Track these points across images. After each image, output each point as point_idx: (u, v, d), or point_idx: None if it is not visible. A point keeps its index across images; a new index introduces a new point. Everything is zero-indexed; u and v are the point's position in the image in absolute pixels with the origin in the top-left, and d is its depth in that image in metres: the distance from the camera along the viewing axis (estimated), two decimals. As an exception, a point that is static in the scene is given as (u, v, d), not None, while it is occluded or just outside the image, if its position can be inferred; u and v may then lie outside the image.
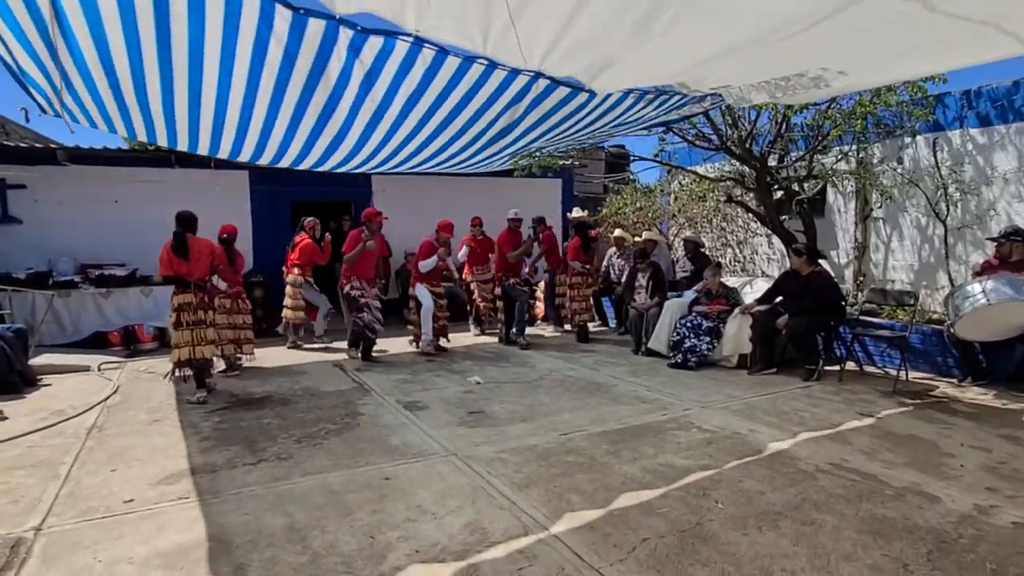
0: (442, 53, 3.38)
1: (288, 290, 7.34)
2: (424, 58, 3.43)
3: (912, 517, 2.99)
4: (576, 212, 8.84)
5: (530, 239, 7.59)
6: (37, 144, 8.89)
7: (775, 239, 8.45)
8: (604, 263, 8.61)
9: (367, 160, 5.24)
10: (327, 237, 7.63)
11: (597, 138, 6.04)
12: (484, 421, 4.56)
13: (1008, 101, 6.70)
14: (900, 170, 7.38)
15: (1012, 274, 5.02)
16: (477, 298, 8.08)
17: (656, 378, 5.85)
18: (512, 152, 5.85)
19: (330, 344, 7.51)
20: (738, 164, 8.01)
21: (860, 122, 6.37)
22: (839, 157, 7.69)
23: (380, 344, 6.94)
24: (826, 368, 5.83)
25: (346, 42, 3.26)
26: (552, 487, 3.36)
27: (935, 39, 3.02)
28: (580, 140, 6.08)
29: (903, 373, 5.55)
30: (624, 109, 4.57)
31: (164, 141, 4.54)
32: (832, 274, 6.40)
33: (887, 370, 6.02)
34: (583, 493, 3.28)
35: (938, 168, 6.99)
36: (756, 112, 7.22)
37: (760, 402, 5.01)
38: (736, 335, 6.13)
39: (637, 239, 8.77)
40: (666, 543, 2.76)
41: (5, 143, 8.29)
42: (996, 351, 5.37)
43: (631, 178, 11.96)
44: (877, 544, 2.74)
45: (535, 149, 6.25)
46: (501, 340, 7.62)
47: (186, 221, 5.27)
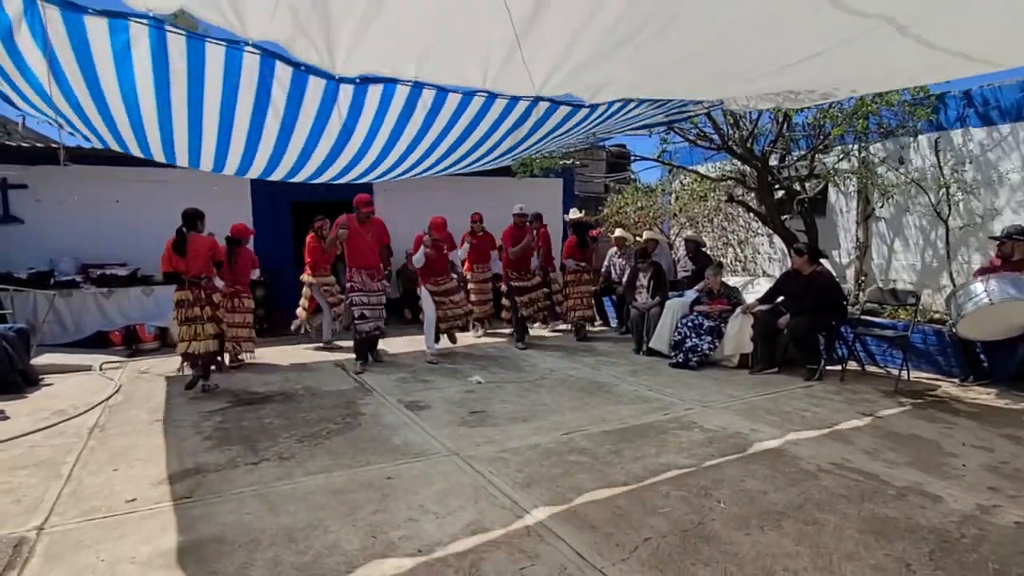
0: (442, 92, 3.47)
1: (304, 290, 7.43)
2: (424, 101, 3.52)
3: (914, 517, 2.99)
4: (573, 213, 8.85)
5: (531, 236, 7.50)
6: (39, 144, 8.89)
7: (776, 239, 8.44)
8: (605, 263, 8.61)
9: (366, 173, 5.24)
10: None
11: (599, 137, 6.04)
12: (486, 421, 4.56)
13: (1010, 101, 6.69)
14: (902, 170, 7.37)
15: (1014, 273, 5.02)
16: (474, 298, 7.96)
17: (657, 378, 5.84)
18: (514, 156, 5.86)
19: (334, 343, 7.50)
20: (739, 163, 8.01)
21: (862, 121, 6.37)
22: (841, 157, 7.68)
23: (380, 344, 6.94)
24: (828, 368, 5.83)
25: (347, 99, 3.40)
26: (554, 487, 3.36)
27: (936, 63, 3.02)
28: (581, 140, 6.08)
29: (905, 373, 5.54)
30: (626, 113, 4.59)
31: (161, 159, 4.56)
32: (834, 274, 6.39)
33: (889, 370, 6.02)
34: (585, 493, 3.28)
35: (940, 168, 6.98)
36: (757, 112, 7.22)
37: (762, 402, 5.01)
38: (738, 335, 6.13)
39: (638, 239, 8.77)
40: (668, 543, 2.76)
41: (7, 143, 8.30)
42: (998, 351, 5.36)
43: (632, 178, 11.96)
44: (879, 544, 2.74)
45: (536, 152, 6.25)
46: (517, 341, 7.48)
47: (188, 218, 5.39)
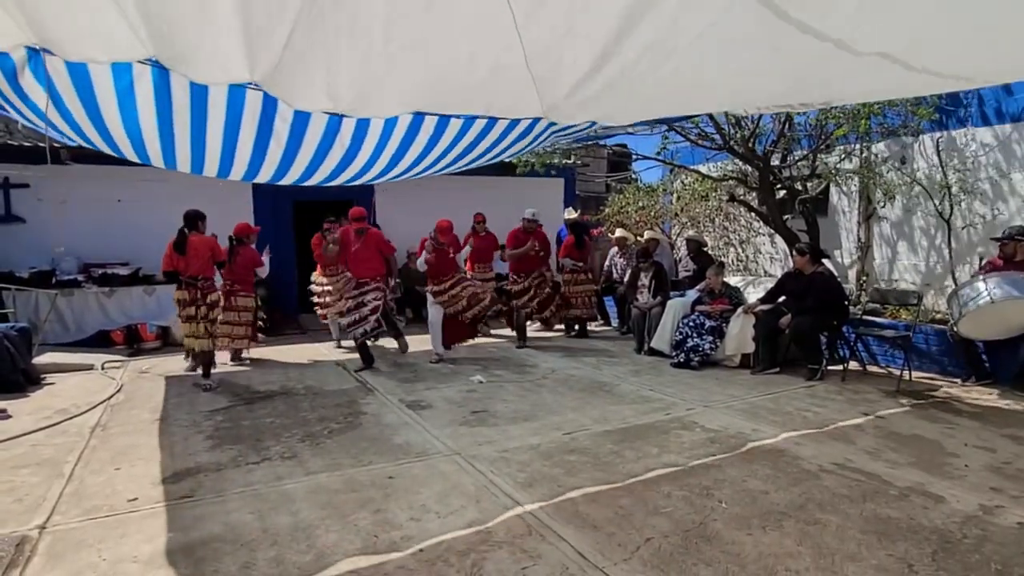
0: (444, 118, 3.53)
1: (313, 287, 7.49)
2: (427, 127, 3.59)
3: (917, 517, 2.98)
4: (569, 212, 8.75)
5: (532, 242, 7.40)
6: (41, 144, 8.88)
7: (778, 238, 8.43)
8: (606, 262, 8.61)
9: (362, 174, 5.25)
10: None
11: (599, 133, 6.03)
12: (487, 420, 4.56)
13: (1012, 100, 6.67)
14: (904, 170, 7.36)
15: (1016, 273, 5.01)
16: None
17: (659, 377, 5.84)
18: (514, 154, 5.85)
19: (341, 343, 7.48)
20: (741, 163, 7.99)
21: (864, 121, 6.35)
22: (842, 156, 7.67)
23: (381, 343, 6.94)
24: (829, 368, 5.82)
25: (350, 129, 3.50)
26: (556, 486, 3.36)
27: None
28: (581, 137, 6.08)
29: (907, 373, 5.54)
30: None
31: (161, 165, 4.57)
32: (835, 274, 6.38)
33: (890, 370, 6.01)
34: (587, 492, 3.27)
35: (942, 167, 6.96)
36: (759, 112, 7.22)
37: (763, 402, 5.01)
38: (739, 335, 6.12)
39: (639, 239, 8.77)
40: (670, 543, 2.76)
41: (8, 142, 8.30)
42: (999, 351, 5.35)
43: (633, 177, 11.95)
44: (882, 544, 2.74)
45: (538, 146, 6.23)
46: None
47: (189, 219, 5.57)
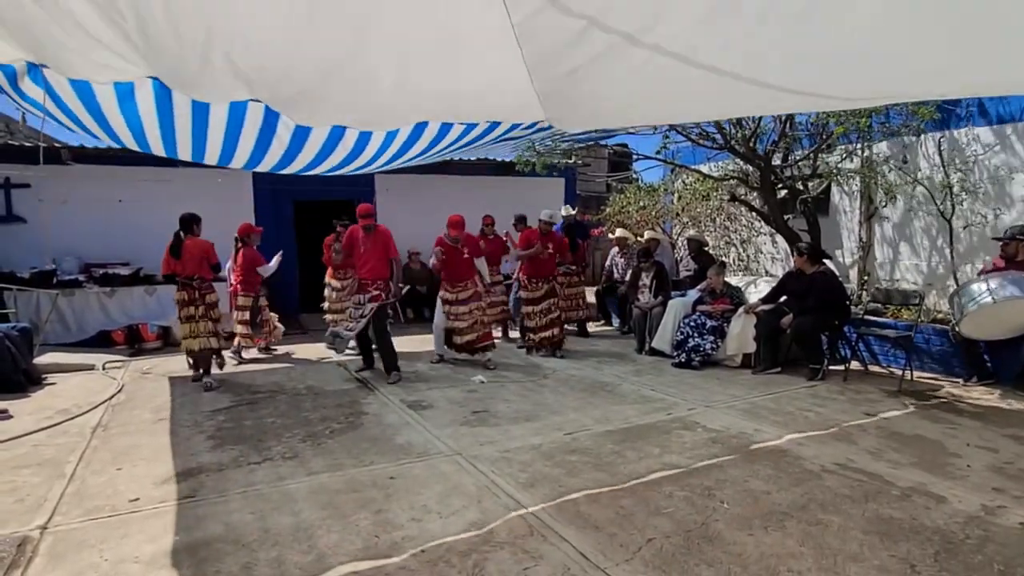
0: (447, 124, 3.56)
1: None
2: (431, 129, 3.60)
3: (919, 517, 2.98)
4: (567, 210, 8.61)
5: (542, 244, 6.90)
6: (41, 143, 8.89)
7: (779, 238, 8.43)
8: (607, 262, 8.61)
9: (368, 164, 5.26)
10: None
11: (604, 131, 6.04)
12: (488, 420, 4.55)
13: (1015, 101, 6.66)
14: (905, 169, 7.35)
15: (1017, 273, 5.00)
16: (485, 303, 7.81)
17: (660, 377, 5.84)
18: (516, 143, 5.85)
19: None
20: (742, 163, 7.98)
21: (865, 120, 6.34)
22: (844, 156, 7.66)
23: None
24: (830, 368, 5.81)
25: (353, 135, 3.55)
26: (557, 487, 3.35)
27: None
28: (583, 136, 6.09)
29: (908, 373, 5.53)
30: None
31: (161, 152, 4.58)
32: (837, 273, 6.38)
33: (892, 370, 6.00)
34: (588, 493, 3.27)
35: (944, 167, 6.95)
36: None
37: (765, 402, 5.00)
38: (740, 334, 6.12)
39: (639, 238, 8.76)
40: (672, 543, 2.75)
41: (10, 143, 8.31)
42: (1001, 351, 5.34)
43: (634, 177, 11.93)
44: (884, 544, 2.73)
45: (539, 142, 6.20)
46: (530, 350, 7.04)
47: (185, 222, 5.70)
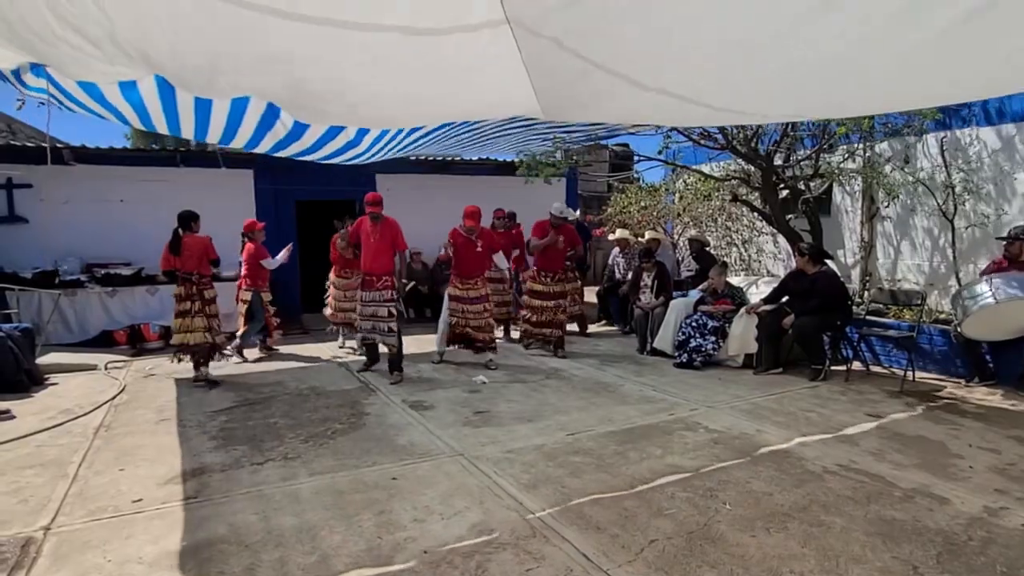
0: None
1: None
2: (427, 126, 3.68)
3: (921, 519, 2.98)
4: (570, 213, 8.43)
5: (554, 232, 6.68)
6: (43, 143, 8.91)
7: (780, 238, 8.42)
8: (609, 262, 8.61)
9: (367, 151, 5.24)
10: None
11: (606, 131, 5.99)
12: (491, 421, 4.56)
13: (1018, 101, 6.65)
14: (908, 170, 7.34)
15: (1020, 273, 5.00)
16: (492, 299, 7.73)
17: (662, 378, 5.84)
18: (519, 140, 5.80)
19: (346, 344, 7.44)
20: (744, 163, 7.97)
21: (867, 120, 6.34)
22: (846, 156, 7.66)
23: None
24: (832, 368, 5.81)
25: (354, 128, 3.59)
26: (559, 487, 3.36)
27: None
28: (586, 135, 6.06)
29: (910, 373, 5.53)
30: None
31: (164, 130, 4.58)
32: (838, 274, 6.37)
33: (894, 370, 5.99)
34: (591, 494, 3.27)
35: (946, 167, 6.95)
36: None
37: (767, 402, 5.00)
38: (742, 335, 6.11)
39: (640, 239, 8.76)
40: (674, 544, 2.75)
41: (12, 143, 8.32)
42: (1004, 351, 5.34)
43: (635, 177, 11.93)
44: (886, 546, 2.73)
45: (541, 138, 6.14)
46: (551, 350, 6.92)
47: (183, 219, 5.76)
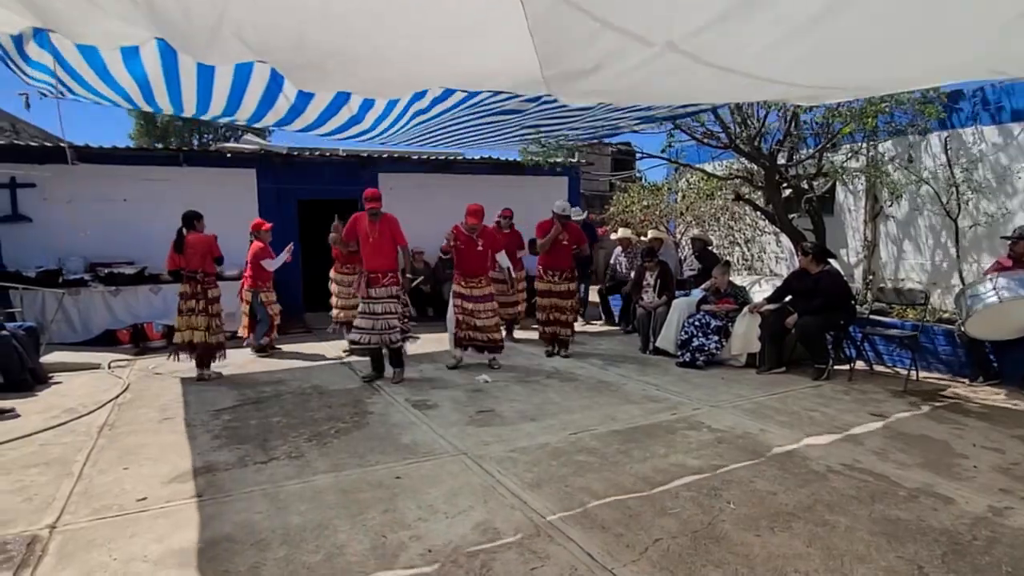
0: (448, 91, 3.59)
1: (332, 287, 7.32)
2: (432, 91, 3.63)
3: (926, 518, 2.97)
4: (576, 213, 8.18)
5: (557, 227, 6.61)
6: (47, 143, 8.93)
7: (783, 238, 8.41)
8: (611, 261, 8.61)
9: (371, 130, 5.18)
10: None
11: (606, 130, 6.00)
12: (494, 420, 4.56)
13: (1022, 100, 6.63)
14: (911, 169, 7.33)
15: (1024, 273, 4.99)
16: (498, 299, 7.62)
17: (665, 377, 5.83)
18: (522, 136, 5.79)
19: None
20: (747, 162, 7.97)
21: (871, 120, 6.32)
22: (849, 155, 7.64)
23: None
24: (836, 368, 5.80)
25: (358, 101, 3.59)
26: (563, 487, 3.36)
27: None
28: (592, 130, 6.05)
29: (914, 373, 5.52)
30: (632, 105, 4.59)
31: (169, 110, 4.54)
32: (842, 273, 6.36)
33: (897, 370, 5.99)
34: (595, 493, 3.27)
35: (950, 166, 6.93)
36: (765, 110, 7.19)
37: (770, 401, 5.00)
38: (745, 334, 6.11)
39: (643, 238, 8.75)
40: (679, 543, 2.75)
41: (15, 142, 8.33)
42: (1008, 351, 5.32)
43: (638, 176, 11.93)
44: (891, 545, 2.73)
45: (544, 136, 6.11)
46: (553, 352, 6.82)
47: (187, 219, 5.82)
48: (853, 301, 6.04)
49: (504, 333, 7.57)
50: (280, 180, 9.23)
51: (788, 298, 6.04)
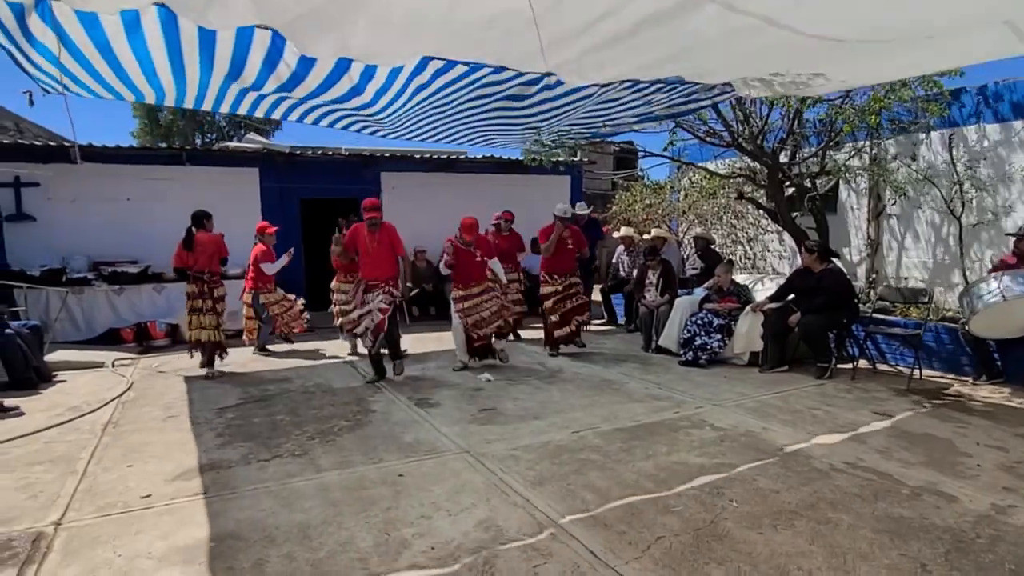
0: (451, 63, 3.54)
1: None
2: (434, 64, 3.58)
3: (929, 517, 2.97)
4: (580, 208, 8.09)
5: (560, 228, 6.54)
6: (51, 142, 8.96)
7: (786, 236, 8.40)
8: (613, 260, 8.61)
9: (372, 105, 5.11)
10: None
11: (610, 123, 5.93)
12: (496, 418, 4.56)
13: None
14: (914, 166, 7.32)
15: (1029, 271, 4.97)
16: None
17: (667, 375, 5.83)
18: (522, 131, 5.73)
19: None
20: (749, 160, 7.96)
21: (874, 118, 6.31)
22: (852, 153, 7.63)
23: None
24: (838, 366, 5.80)
25: (359, 69, 3.54)
26: (566, 485, 3.36)
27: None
28: (593, 127, 6.03)
29: (917, 371, 5.51)
30: (633, 95, 4.57)
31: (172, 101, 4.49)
32: (845, 272, 6.35)
33: (900, 368, 5.98)
34: (597, 491, 3.28)
35: (953, 164, 6.92)
36: (768, 108, 7.17)
37: (773, 400, 4.99)
38: (748, 332, 6.10)
39: (645, 236, 8.75)
40: (681, 541, 2.75)
41: (19, 141, 8.36)
42: (1012, 349, 5.31)
43: (640, 174, 11.92)
44: (894, 544, 2.72)
45: (546, 132, 6.04)
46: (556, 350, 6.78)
47: (196, 218, 5.87)
48: (856, 299, 6.03)
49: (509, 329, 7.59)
50: (283, 179, 9.26)
51: (791, 296, 6.03)
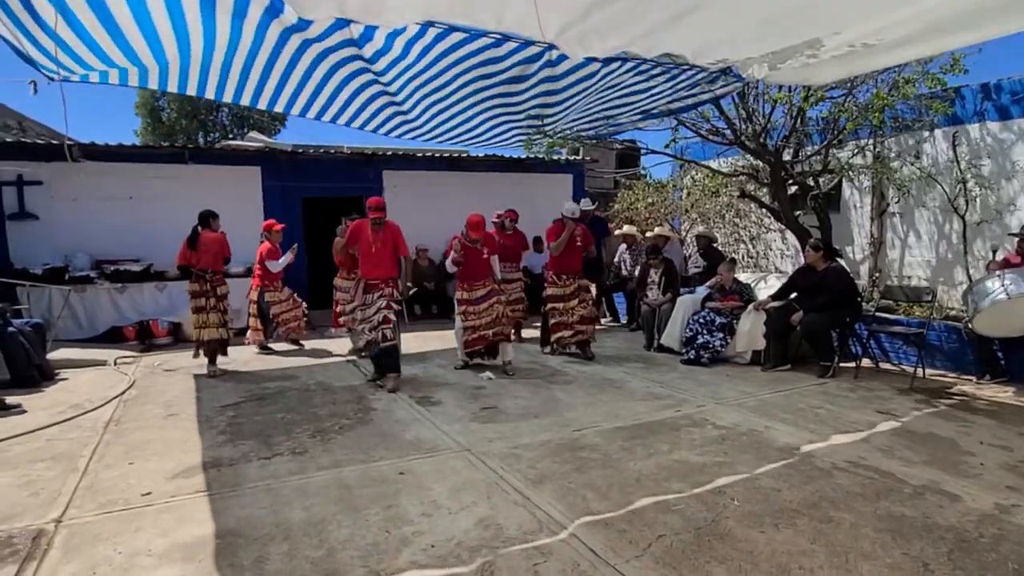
0: (450, 29, 3.51)
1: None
2: (436, 28, 3.56)
3: (932, 516, 2.95)
4: (585, 204, 7.93)
5: (571, 226, 6.44)
6: (53, 141, 8.97)
7: (789, 235, 8.38)
8: (615, 258, 8.60)
9: (366, 72, 4.99)
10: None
11: (612, 121, 5.89)
12: (497, 417, 4.56)
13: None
14: (917, 164, 7.28)
15: (1033, 270, 4.95)
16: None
17: (669, 374, 5.82)
18: (522, 121, 5.67)
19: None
20: (752, 158, 7.94)
21: (877, 115, 6.28)
22: (855, 151, 7.60)
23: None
24: (841, 365, 5.78)
25: (358, 29, 3.50)
26: (567, 483, 3.35)
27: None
28: (594, 126, 6.00)
29: (920, 370, 5.48)
30: (635, 81, 4.54)
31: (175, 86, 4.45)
32: (848, 270, 6.33)
33: (903, 367, 5.95)
34: (598, 489, 3.27)
35: (956, 162, 6.88)
36: (771, 106, 7.15)
37: (775, 399, 4.98)
38: (750, 331, 6.08)
39: (648, 234, 8.73)
40: (682, 540, 2.74)
41: (22, 139, 8.38)
42: (1016, 348, 5.29)
43: (643, 173, 11.89)
44: (896, 543, 2.71)
45: (547, 123, 5.98)
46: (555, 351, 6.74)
47: (203, 217, 5.91)
48: (859, 298, 6.01)
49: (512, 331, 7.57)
50: (285, 178, 9.26)
51: (793, 295, 6.01)
